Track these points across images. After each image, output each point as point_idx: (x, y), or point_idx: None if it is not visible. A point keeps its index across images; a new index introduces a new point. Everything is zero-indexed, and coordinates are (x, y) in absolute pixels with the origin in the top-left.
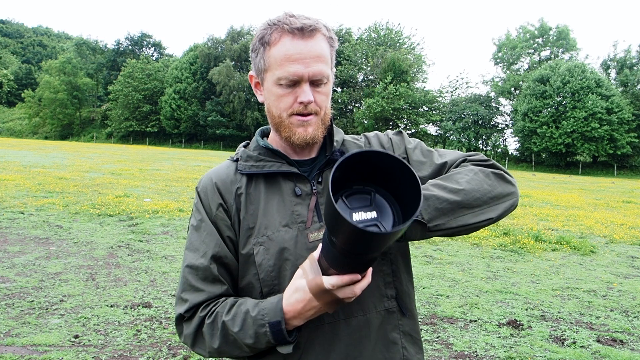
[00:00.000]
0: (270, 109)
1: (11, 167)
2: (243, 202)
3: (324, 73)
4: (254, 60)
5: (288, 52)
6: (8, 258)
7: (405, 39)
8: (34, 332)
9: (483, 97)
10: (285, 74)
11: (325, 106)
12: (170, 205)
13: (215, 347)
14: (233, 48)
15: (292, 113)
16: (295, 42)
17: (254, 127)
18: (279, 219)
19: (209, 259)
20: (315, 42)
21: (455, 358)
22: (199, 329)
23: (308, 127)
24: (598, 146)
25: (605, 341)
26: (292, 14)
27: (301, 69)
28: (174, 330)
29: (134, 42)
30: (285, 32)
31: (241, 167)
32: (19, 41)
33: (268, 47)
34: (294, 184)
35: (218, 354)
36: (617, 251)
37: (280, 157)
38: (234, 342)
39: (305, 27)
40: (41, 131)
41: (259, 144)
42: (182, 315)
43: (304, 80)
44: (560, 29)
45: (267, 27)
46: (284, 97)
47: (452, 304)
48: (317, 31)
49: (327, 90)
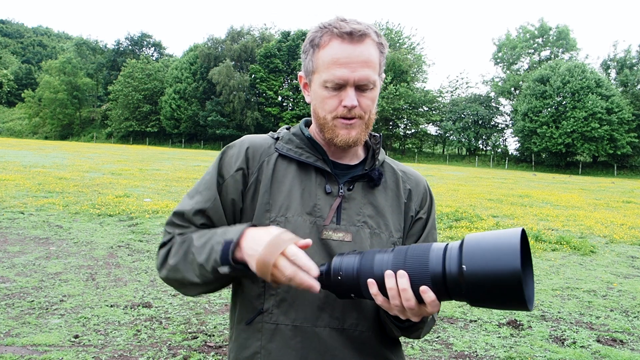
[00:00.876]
0: (316, 110)
1: (11, 167)
2: (267, 176)
3: (370, 79)
4: (304, 61)
5: (336, 55)
6: (8, 258)
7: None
8: (34, 332)
9: (483, 97)
10: (331, 77)
11: (370, 111)
12: (170, 205)
13: (172, 264)
14: (233, 48)
15: (336, 116)
16: (344, 46)
17: (254, 127)
18: (302, 206)
19: (195, 211)
20: (364, 47)
21: (455, 358)
22: (169, 251)
23: (351, 130)
24: (598, 146)
25: (605, 341)
26: (343, 18)
27: (347, 73)
28: (174, 330)
29: (134, 42)
30: (335, 36)
31: (279, 146)
32: (19, 41)
33: (317, 49)
34: (325, 180)
35: (173, 272)
36: (617, 251)
37: (320, 152)
38: (191, 260)
39: (354, 32)
40: (41, 131)
41: (303, 133)
42: (163, 243)
43: (349, 84)
44: (560, 29)
45: (318, 30)
46: (329, 100)
47: (452, 304)
48: (367, 36)
49: (372, 95)
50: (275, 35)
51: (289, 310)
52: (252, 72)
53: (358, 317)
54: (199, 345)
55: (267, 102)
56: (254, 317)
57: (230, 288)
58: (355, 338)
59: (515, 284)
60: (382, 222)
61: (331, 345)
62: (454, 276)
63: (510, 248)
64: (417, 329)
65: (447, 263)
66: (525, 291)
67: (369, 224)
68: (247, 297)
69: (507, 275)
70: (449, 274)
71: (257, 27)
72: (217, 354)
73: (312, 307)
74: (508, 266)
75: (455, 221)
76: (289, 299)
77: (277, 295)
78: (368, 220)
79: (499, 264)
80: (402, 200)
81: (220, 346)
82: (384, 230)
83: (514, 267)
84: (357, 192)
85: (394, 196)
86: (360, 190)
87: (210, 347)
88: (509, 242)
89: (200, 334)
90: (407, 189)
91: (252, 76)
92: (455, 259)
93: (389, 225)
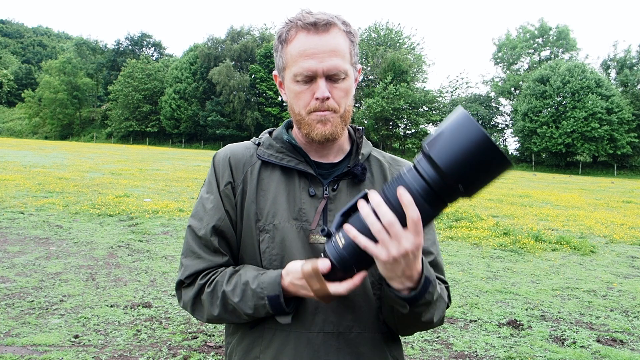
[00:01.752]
0: (292, 107)
1: (11, 167)
2: (252, 185)
3: (340, 68)
4: (275, 59)
5: (302, 47)
6: (8, 258)
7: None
8: (34, 332)
9: (483, 97)
10: (300, 69)
11: (345, 103)
12: (170, 205)
13: (215, 315)
14: (233, 48)
15: (311, 110)
16: (310, 37)
17: (254, 127)
18: (288, 212)
19: (210, 229)
20: (331, 37)
21: (455, 358)
22: (197, 296)
23: (326, 124)
24: (598, 146)
25: (605, 341)
26: (308, 10)
27: (315, 64)
28: (174, 330)
29: (134, 42)
30: (300, 29)
31: (260, 152)
32: (19, 41)
33: (285, 44)
34: (309, 183)
35: (218, 321)
36: (617, 251)
37: (301, 154)
38: (233, 311)
39: (318, 22)
40: (41, 131)
41: (284, 137)
42: (182, 281)
43: (319, 75)
44: (560, 29)
45: (284, 25)
46: (302, 94)
47: (452, 304)
48: (333, 25)
49: (345, 86)
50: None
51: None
52: (252, 72)
53: (353, 319)
54: (199, 345)
55: (267, 102)
56: (256, 324)
57: None
58: (351, 340)
59: (487, 144)
60: None
61: (325, 350)
62: (435, 179)
63: (463, 121)
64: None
65: (423, 173)
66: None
67: None
68: None
69: (476, 141)
70: (431, 180)
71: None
72: (217, 354)
73: (305, 312)
74: (471, 134)
75: (455, 221)
76: None
77: None
78: None
79: (464, 139)
80: None
81: (220, 346)
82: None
83: (477, 131)
84: (342, 191)
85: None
86: (345, 189)
87: (210, 347)
88: (460, 118)
89: (200, 334)
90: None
91: (252, 76)
92: (427, 165)
93: None
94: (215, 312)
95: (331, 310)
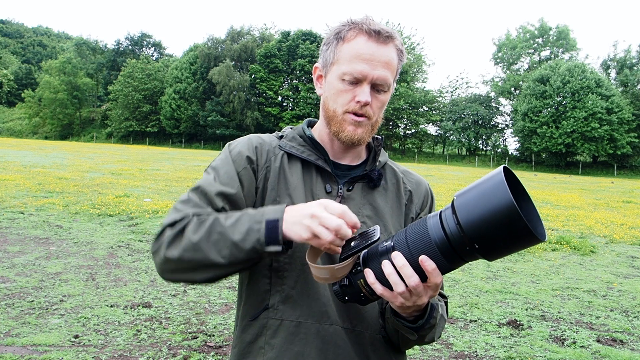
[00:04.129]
0: (327, 102)
1: (11, 167)
2: (274, 174)
3: (387, 80)
4: (324, 52)
5: (360, 50)
6: (8, 258)
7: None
8: (34, 332)
9: (483, 97)
10: (351, 69)
11: (379, 114)
12: (170, 205)
13: (194, 242)
14: (233, 48)
15: (347, 110)
16: (370, 43)
17: (254, 127)
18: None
19: (218, 191)
20: (388, 49)
21: (455, 358)
22: (184, 229)
23: (358, 128)
24: (598, 146)
25: (605, 341)
26: (373, 18)
27: (368, 69)
28: (174, 330)
29: (134, 42)
30: (363, 32)
31: (283, 144)
32: (19, 41)
33: (342, 41)
34: (326, 180)
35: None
36: (617, 251)
37: (321, 152)
38: (217, 240)
39: (382, 32)
40: (41, 131)
41: (306, 133)
42: (173, 221)
43: (367, 80)
44: (560, 29)
45: (346, 24)
46: (343, 93)
47: (452, 304)
48: (392, 40)
49: (385, 98)
50: (275, 35)
51: (295, 306)
52: (252, 72)
53: (364, 318)
54: (199, 345)
55: (267, 102)
56: (259, 313)
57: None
58: (360, 338)
59: (513, 215)
60: (381, 223)
61: (334, 343)
62: (455, 234)
63: (496, 184)
64: (430, 326)
65: (445, 224)
66: (527, 219)
67: (367, 225)
68: (254, 293)
69: (501, 209)
70: (450, 233)
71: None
72: (217, 354)
73: (317, 304)
74: (499, 200)
75: None
76: (295, 296)
77: (283, 292)
78: (367, 221)
79: (490, 201)
80: (403, 201)
81: (220, 346)
82: (383, 231)
83: (505, 198)
84: (357, 193)
85: (394, 197)
86: (359, 191)
87: (210, 347)
88: (494, 180)
89: (200, 334)
90: (407, 190)
91: (252, 76)
92: (450, 217)
93: (388, 227)
94: (195, 237)
95: (343, 306)
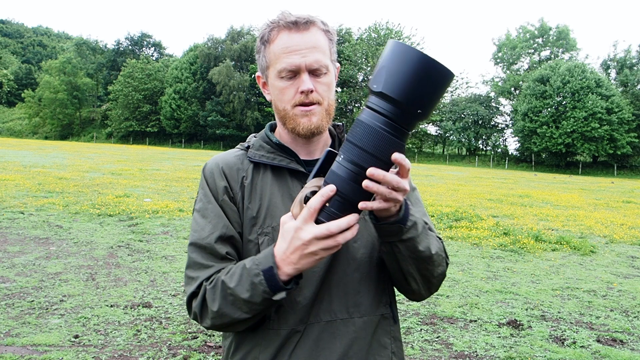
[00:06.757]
0: (276, 104)
1: (11, 167)
2: (248, 191)
3: (322, 62)
4: (258, 60)
5: (285, 44)
6: (8, 258)
7: (405, 39)
8: (34, 332)
9: (483, 97)
10: (283, 65)
11: (328, 97)
12: (170, 205)
13: (215, 310)
14: (233, 48)
15: (295, 104)
16: (292, 35)
17: (254, 127)
18: (284, 213)
19: (216, 239)
20: (311, 34)
21: (455, 358)
22: (204, 299)
23: (312, 117)
24: (598, 146)
25: (605, 341)
26: (288, 12)
27: (298, 59)
28: (174, 330)
29: (134, 42)
30: (282, 28)
31: (251, 154)
32: (19, 41)
33: (268, 44)
34: (301, 181)
35: (220, 318)
36: (617, 251)
37: (291, 154)
38: (233, 301)
39: (299, 21)
40: (41, 131)
41: (271, 140)
42: (193, 293)
43: (302, 70)
44: (560, 29)
45: (266, 27)
46: (286, 90)
47: (452, 304)
48: (312, 24)
49: (327, 80)
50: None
51: (285, 314)
52: (252, 72)
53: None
54: (199, 345)
55: (267, 102)
56: (258, 325)
57: None
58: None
59: (426, 60)
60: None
61: (324, 340)
62: (393, 111)
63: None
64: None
65: (380, 110)
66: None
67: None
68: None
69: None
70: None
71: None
72: (217, 354)
73: (302, 307)
74: (410, 58)
75: (455, 221)
76: (284, 303)
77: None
78: None
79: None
80: None
81: (220, 346)
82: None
83: (413, 52)
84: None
85: None
86: None
87: (210, 347)
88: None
89: (200, 334)
90: None
91: (252, 76)
92: (380, 101)
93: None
94: (215, 306)
95: (326, 301)
